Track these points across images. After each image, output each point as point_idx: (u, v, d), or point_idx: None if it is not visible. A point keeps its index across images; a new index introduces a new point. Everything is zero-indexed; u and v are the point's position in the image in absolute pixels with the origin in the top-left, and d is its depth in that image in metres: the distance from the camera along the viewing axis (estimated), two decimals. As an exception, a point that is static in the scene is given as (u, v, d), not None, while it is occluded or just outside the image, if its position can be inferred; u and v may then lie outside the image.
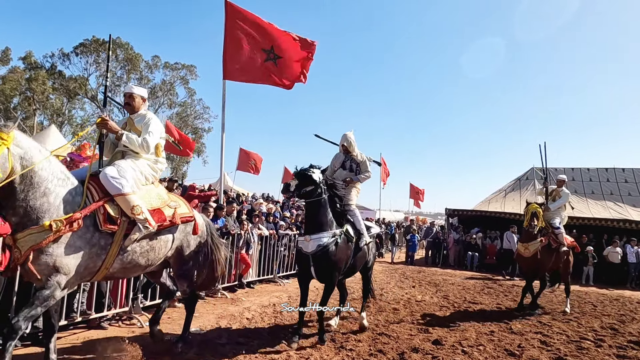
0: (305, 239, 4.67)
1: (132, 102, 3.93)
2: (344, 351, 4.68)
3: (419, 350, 4.84)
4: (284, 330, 5.39)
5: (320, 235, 4.61)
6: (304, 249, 4.67)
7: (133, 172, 3.61)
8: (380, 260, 16.32)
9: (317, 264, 4.63)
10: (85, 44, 31.96)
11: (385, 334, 5.45)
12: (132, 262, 3.52)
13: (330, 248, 4.61)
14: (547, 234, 7.43)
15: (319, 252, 4.58)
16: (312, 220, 4.73)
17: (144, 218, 3.44)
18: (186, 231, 4.04)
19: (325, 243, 4.59)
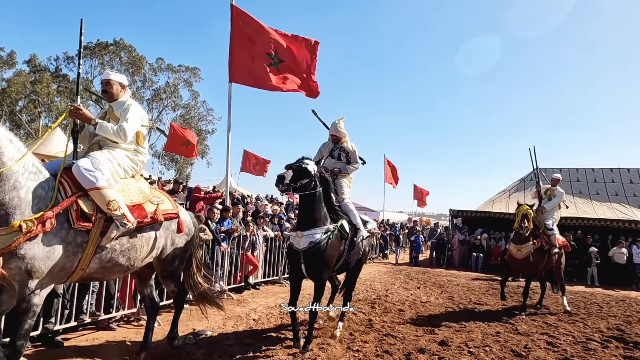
0: (297, 235, 4.45)
1: (110, 89, 3.64)
2: (351, 352, 4.71)
3: (425, 351, 4.85)
4: (284, 329, 5.42)
5: (313, 231, 4.38)
6: (295, 245, 4.46)
7: (109, 164, 3.34)
8: (384, 262, 16.35)
9: (308, 261, 4.41)
10: (90, 46, 32.12)
11: (392, 334, 5.47)
12: (112, 261, 3.29)
13: (322, 245, 4.37)
14: (540, 236, 7.44)
15: (310, 249, 4.35)
16: (306, 215, 4.51)
17: (121, 214, 3.17)
18: (171, 229, 3.81)
19: (317, 239, 4.36)
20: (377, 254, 16.63)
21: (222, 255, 6.83)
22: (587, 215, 14.92)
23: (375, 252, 16.34)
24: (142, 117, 3.69)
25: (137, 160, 3.67)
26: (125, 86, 3.77)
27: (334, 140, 5.27)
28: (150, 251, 3.64)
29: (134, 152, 3.65)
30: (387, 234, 18.05)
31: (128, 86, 3.84)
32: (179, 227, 3.87)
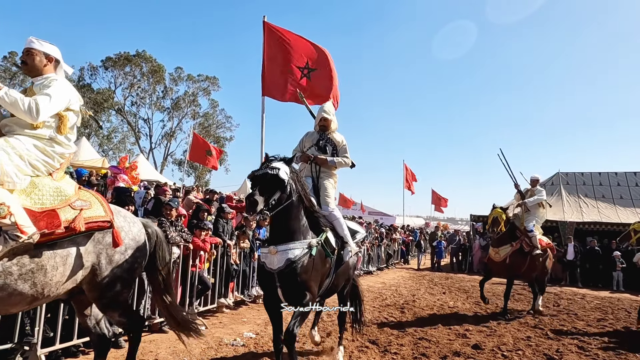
0: (269, 251, 3.49)
1: (31, 60, 2.87)
2: (389, 354, 4.95)
3: (460, 354, 5.06)
4: (327, 331, 5.68)
5: (289, 245, 3.46)
6: (268, 265, 3.51)
7: (3, 156, 2.56)
8: (406, 267, 16.51)
9: (286, 285, 3.48)
10: (113, 58, 33.11)
11: (425, 338, 5.68)
12: (6, 289, 2.47)
13: (301, 263, 3.46)
14: (520, 238, 7.39)
15: (287, 268, 3.42)
16: (280, 227, 3.55)
17: (11, 222, 2.41)
18: (105, 243, 2.92)
19: (295, 257, 3.44)
20: (399, 259, 16.78)
21: (256, 263, 7.14)
22: (611, 220, 14.85)
23: (397, 258, 16.50)
24: (70, 97, 2.87)
25: (54, 153, 2.84)
26: (55, 59, 2.96)
27: (321, 128, 4.44)
28: (70, 274, 2.74)
29: (49, 142, 2.81)
30: (409, 239, 18.18)
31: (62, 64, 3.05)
32: (114, 240, 2.90)
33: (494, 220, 7.34)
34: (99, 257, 2.91)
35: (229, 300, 6.43)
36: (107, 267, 2.94)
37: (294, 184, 3.55)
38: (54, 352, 4.00)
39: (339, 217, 4.15)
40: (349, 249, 4.03)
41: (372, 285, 10.68)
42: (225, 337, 5.17)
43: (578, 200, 16.04)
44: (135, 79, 34.10)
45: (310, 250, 3.54)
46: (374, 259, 13.27)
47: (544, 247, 7.71)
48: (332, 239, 3.86)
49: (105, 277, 2.93)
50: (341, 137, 4.47)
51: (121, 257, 3.03)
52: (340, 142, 4.42)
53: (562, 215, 14.94)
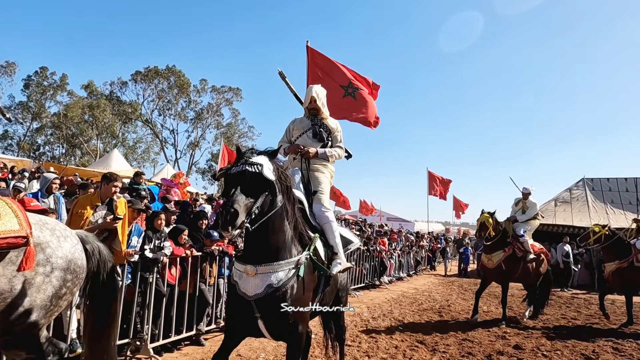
0: (245, 271, 2.68)
1: None
2: (439, 353, 5.45)
3: (503, 353, 5.53)
4: (373, 333, 6.20)
5: (272, 267, 2.67)
6: (243, 289, 2.68)
7: None
8: (433, 273, 16.89)
9: (269, 316, 2.67)
10: (142, 72, 34.47)
11: (468, 339, 6.16)
12: None
13: (287, 289, 2.67)
14: (511, 243, 7.42)
15: (269, 296, 2.63)
16: (259, 242, 2.70)
17: None
18: (17, 263, 2.33)
19: (279, 282, 2.66)
20: (426, 266, 17.17)
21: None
22: (639, 226, 14.95)
23: (425, 264, 16.91)
24: None
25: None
26: None
27: (311, 112, 3.64)
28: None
29: None
30: (437, 247, 18.56)
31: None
32: (22, 261, 2.30)
33: (482, 226, 7.36)
34: (12, 282, 2.30)
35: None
36: (25, 293, 2.34)
37: (279, 184, 2.71)
38: (156, 347, 4.63)
39: (331, 220, 3.36)
40: (338, 260, 3.18)
41: (406, 290, 11.16)
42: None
43: (605, 207, 16.17)
44: (163, 92, 35.40)
45: (298, 270, 2.74)
46: (404, 265, 13.74)
47: (537, 252, 7.69)
48: (321, 248, 3.10)
49: (19, 306, 2.32)
50: (335, 123, 3.72)
51: (45, 279, 2.42)
52: (334, 128, 3.66)
53: (588, 221, 15.12)
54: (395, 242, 13.61)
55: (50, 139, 37.24)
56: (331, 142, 3.63)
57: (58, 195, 5.32)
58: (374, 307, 8.43)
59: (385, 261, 11.60)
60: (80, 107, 34.08)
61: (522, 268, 7.43)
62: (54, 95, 34.98)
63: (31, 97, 34.31)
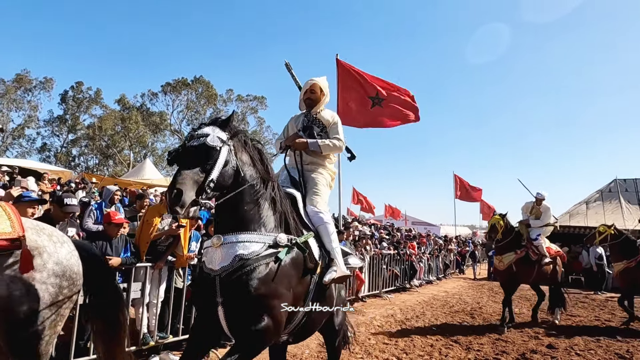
0: (212, 244, 2.38)
1: None
2: (473, 352, 5.69)
3: (537, 352, 5.72)
4: (408, 333, 6.48)
5: (241, 236, 2.33)
6: (207, 264, 2.36)
7: None
8: (462, 277, 16.93)
9: (230, 298, 2.25)
10: (171, 83, 35.76)
11: (501, 339, 6.36)
12: None
13: (260, 265, 2.27)
14: (525, 246, 7.32)
15: (234, 271, 2.24)
16: (230, 213, 2.41)
17: None
18: (16, 269, 2.30)
19: (251, 253, 2.28)
20: (455, 269, 17.24)
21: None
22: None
23: (453, 268, 16.98)
24: None
25: None
26: None
27: (308, 104, 3.32)
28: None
29: None
30: (465, 250, 18.59)
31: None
32: (21, 263, 2.28)
33: (492, 228, 7.34)
34: (10, 288, 2.26)
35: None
36: (22, 300, 2.29)
37: (243, 152, 2.43)
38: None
39: (327, 222, 2.86)
40: (334, 268, 2.70)
41: (436, 293, 11.34)
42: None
43: (638, 209, 15.89)
44: (191, 102, 36.60)
45: (278, 252, 2.35)
46: (434, 268, 13.91)
47: (552, 255, 7.58)
48: (316, 248, 2.68)
49: (19, 313, 2.27)
50: (331, 114, 3.35)
51: (41, 286, 2.36)
52: (329, 120, 3.28)
53: (622, 223, 14.90)
54: (424, 245, 13.80)
55: (85, 150, 38.97)
56: (326, 135, 3.23)
57: (119, 205, 5.86)
58: (407, 309, 8.69)
59: (415, 264, 11.82)
60: (113, 119, 35.59)
61: (537, 271, 7.31)
62: (88, 109, 36.67)
63: (67, 111, 36.04)
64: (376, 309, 8.47)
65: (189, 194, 2.07)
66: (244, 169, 2.40)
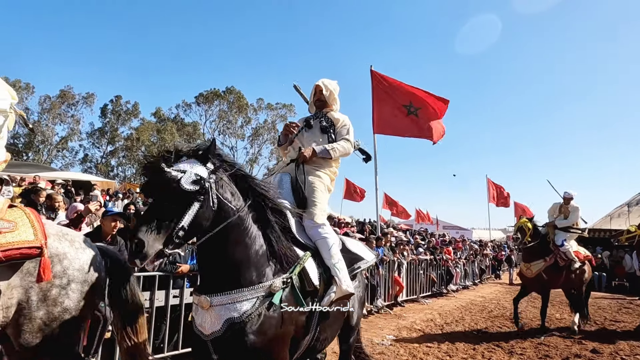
0: (199, 304, 2.25)
1: None
2: (516, 355, 5.82)
3: (580, 356, 5.78)
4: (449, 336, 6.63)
5: (231, 296, 2.17)
6: (197, 326, 2.27)
7: None
8: (499, 282, 16.74)
9: (227, 356, 2.21)
10: (204, 94, 37.02)
11: (544, 344, 6.43)
12: None
13: (254, 323, 2.17)
14: (553, 252, 7.15)
15: (227, 334, 2.16)
16: (213, 260, 2.25)
17: None
18: (36, 275, 2.33)
19: (243, 314, 2.16)
20: (490, 274, 17.08)
21: (379, 278, 8.33)
22: None
23: (489, 273, 16.84)
24: None
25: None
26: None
27: (317, 105, 3.24)
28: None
29: None
30: (502, 255, 18.39)
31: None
32: (39, 272, 2.30)
33: (520, 229, 7.24)
34: (28, 293, 2.30)
35: (364, 309, 7.65)
36: (40, 305, 2.33)
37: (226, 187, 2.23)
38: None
39: (326, 236, 2.72)
40: (334, 288, 2.56)
41: (474, 299, 11.37)
42: (373, 338, 6.35)
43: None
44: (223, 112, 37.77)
45: (271, 298, 2.22)
46: (470, 274, 13.89)
47: (582, 260, 7.43)
48: (314, 270, 2.53)
49: (37, 318, 2.32)
50: (343, 117, 3.20)
51: (61, 292, 2.39)
52: (339, 119, 3.14)
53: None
54: (460, 250, 13.82)
55: (123, 161, 40.76)
56: (334, 136, 3.09)
57: None
58: (445, 314, 8.81)
59: (451, 270, 11.89)
60: (149, 130, 37.16)
61: (565, 277, 7.20)
62: (127, 121, 38.44)
63: (107, 124, 37.87)
64: (415, 314, 8.65)
65: (153, 245, 1.89)
66: (227, 206, 2.18)
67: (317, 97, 3.20)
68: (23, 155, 36.09)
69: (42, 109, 35.74)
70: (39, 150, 37.22)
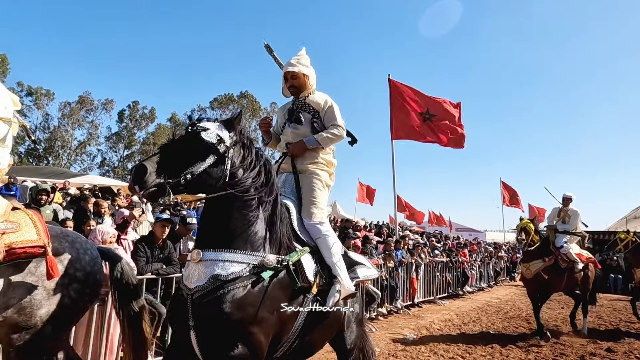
0: (191, 257, 2.21)
1: None
2: (533, 353, 6.08)
3: (595, 354, 6.02)
4: (467, 336, 6.91)
5: (222, 255, 2.14)
6: (184, 280, 2.22)
7: None
8: (514, 284, 16.87)
9: (202, 324, 2.09)
10: (218, 99, 37.73)
11: (560, 343, 6.68)
12: None
13: (238, 288, 2.08)
14: (553, 253, 7.11)
15: (207, 293, 2.08)
16: (213, 224, 2.26)
17: None
18: (39, 273, 2.38)
19: (229, 274, 2.09)
20: (505, 277, 17.23)
21: (398, 279, 8.65)
22: None
23: (504, 275, 17.00)
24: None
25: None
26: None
27: (293, 91, 2.98)
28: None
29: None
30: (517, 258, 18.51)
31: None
32: (48, 270, 2.33)
33: (523, 230, 7.21)
34: (31, 292, 2.36)
35: (384, 309, 7.98)
36: (43, 303, 2.39)
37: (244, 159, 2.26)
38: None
39: (327, 234, 2.63)
40: (338, 287, 2.49)
41: (489, 300, 11.59)
42: (395, 336, 6.67)
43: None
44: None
45: (264, 273, 2.15)
46: (485, 276, 14.10)
47: (584, 262, 7.37)
48: (311, 265, 2.44)
49: (39, 316, 2.38)
50: (324, 98, 2.95)
51: (63, 291, 2.45)
52: (321, 103, 2.90)
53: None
54: (475, 253, 14.04)
55: (139, 164, 41.64)
56: (322, 122, 2.89)
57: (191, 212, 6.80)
58: (462, 315, 9.08)
59: (466, 272, 12.13)
60: (165, 134, 37.95)
61: (568, 278, 7.12)
62: (145, 126, 39.35)
63: (124, 128, 38.80)
64: (433, 314, 8.93)
65: (154, 175, 1.92)
66: (240, 177, 2.21)
67: (289, 83, 2.94)
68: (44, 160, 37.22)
69: (62, 114, 36.81)
70: (58, 155, 38.30)
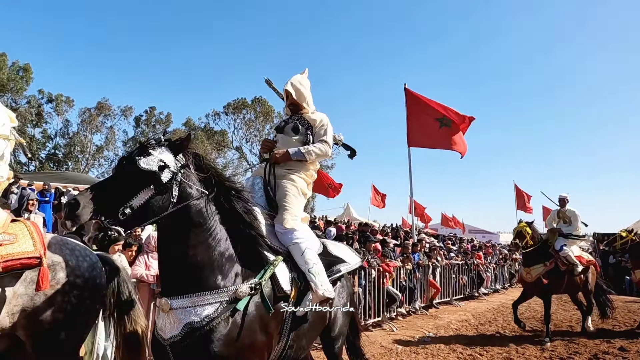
0: (160, 306, 2.18)
1: None
2: (547, 351, 6.40)
3: (608, 353, 6.31)
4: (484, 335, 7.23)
5: (193, 299, 2.07)
6: (158, 329, 2.18)
7: None
8: (528, 286, 17.09)
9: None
10: (232, 104, 38.41)
11: (574, 342, 6.98)
12: None
13: (217, 330, 2.05)
14: (553, 256, 7.15)
15: (186, 340, 2.04)
16: (174, 262, 2.14)
17: None
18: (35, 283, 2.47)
19: (204, 319, 2.04)
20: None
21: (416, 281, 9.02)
22: None
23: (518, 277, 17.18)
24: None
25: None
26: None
27: (292, 109, 3.14)
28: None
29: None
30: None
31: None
32: (38, 281, 2.42)
33: (519, 234, 7.26)
34: (33, 300, 2.47)
35: (404, 309, 8.36)
36: (47, 310, 2.49)
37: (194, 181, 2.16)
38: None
39: (297, 241, 2.60)
40: (310, 296, 2.47)
41: (505, 301, 11.85)
42: (415, 335, 7.04)
43: None
44: (250, 121, 39.09)
45: (236, 304, 2.10)
46: (500, 278, 14.35)
47: (585, 264, 7.39)
48: (285, 275, 2.42)
49: (46, 322, 2.49)
50: (321, 117, 3.04)
51: (64, 298, 2.55)
52: (317, 121, 3.00)
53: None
54: (490, 255, 14.31)
55: (155, 168, 42.46)
56: (312, 137, 2.95)
57: None
58: (478, 315, 9.39)
59: (482, 274, 12.41)
60: (180, 139, 38.76)
61: (568, 281, 7.17)
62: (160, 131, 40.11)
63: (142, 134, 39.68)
64: (450, 315, 9.26)
65: (87, 210, 1.82)
66: (189, 202, 2.09)
67: (289, 101, 3.08)
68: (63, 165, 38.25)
69: (81, 120, 37.82)
70: (77, 160, 39.34)
